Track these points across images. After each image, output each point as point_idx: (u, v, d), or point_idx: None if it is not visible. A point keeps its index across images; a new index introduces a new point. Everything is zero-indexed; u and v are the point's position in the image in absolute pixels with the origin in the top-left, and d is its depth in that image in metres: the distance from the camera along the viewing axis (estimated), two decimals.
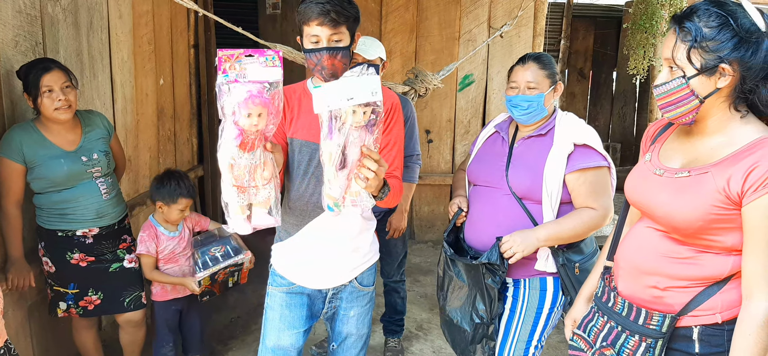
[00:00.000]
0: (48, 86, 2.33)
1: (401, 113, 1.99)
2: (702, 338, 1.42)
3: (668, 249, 1.46)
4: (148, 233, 2.68)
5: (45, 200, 2.46)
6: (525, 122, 2.18)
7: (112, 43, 3.30)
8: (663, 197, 1.46)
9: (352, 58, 2.96)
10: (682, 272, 1.44)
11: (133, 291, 2.69)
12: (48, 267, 2.53)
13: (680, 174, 1.44)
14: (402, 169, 2.00)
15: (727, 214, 1.35)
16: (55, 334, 2.82)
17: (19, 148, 2.35)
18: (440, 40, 4.95)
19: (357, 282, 2.07)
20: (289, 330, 2.02)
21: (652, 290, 1.49)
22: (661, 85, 1.43)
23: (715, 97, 1.38)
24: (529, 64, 2.16)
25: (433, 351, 3.43)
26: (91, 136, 2.56)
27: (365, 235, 2.05)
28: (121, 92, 3.43)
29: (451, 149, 5.23)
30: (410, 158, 3.03)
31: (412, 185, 3.09)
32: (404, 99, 3.03)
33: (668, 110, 1.44)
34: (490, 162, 2.26)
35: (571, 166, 2.07)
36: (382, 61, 2.97)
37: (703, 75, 1.36)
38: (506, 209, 2.16)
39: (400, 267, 3.24)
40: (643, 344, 1.48)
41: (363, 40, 2.97)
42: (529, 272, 2.16)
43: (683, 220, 1.40)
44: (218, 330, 3.51)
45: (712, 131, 1.42)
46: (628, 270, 1.57)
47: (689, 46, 1.36)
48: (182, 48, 4.46)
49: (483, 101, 5.15)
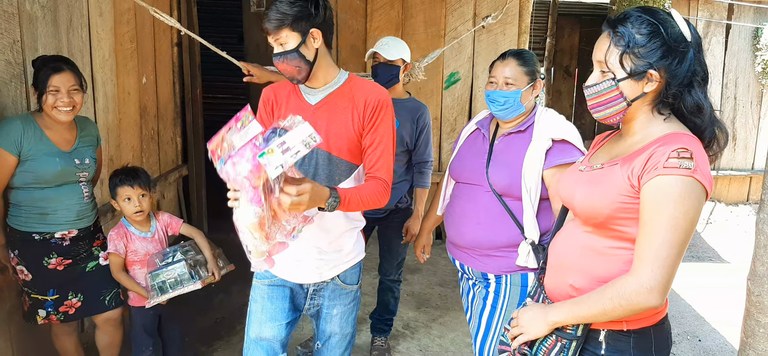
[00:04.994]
0: (55, 87, 2.34)
1: (390, 111, 1.94)
2: (608, 341, 1.49)
3: (586, 242, 1.53)
4: (117, 232, 2.62)
5: (25, 196, 2.41)
6: (502, 117, 2.18)
7: (93, 40, 3.25)
8: (579, 189, 1.54)
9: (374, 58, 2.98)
10: (597, 269, 1.49)
11: (112, 288, 2.65)
12: (23, 276, 2.47)
13: (596, 167, 1.54)
14: (389, 170, 1.94)
15: (632, 203, 1.41)
16: (36, 338, 2.77)
17: (18, 140, 2.33)
18: (426, 38, 4.94)
19: (340, 280, 2.05)
20: (270, 322, 2.02)
21: (569, 288, 1.55)
22: (593, 86, 1.49)
23: (641, 101, 1.46)
24: (509, 60, 2.17)
25: (420, 350, 3.42)
26: (85, 140, 2.56)
27: (348, 235, 2.03)
28: (103, 90, 3.39)
29: (437, 147, 5.22)
30: (424, 164, 3.07)
31: (426, 190, 3.10)
32: (423, 107, 3.04)
33: (598, 111, 1.50)
34: (471, 159, 2.26)
35: (549, 162, 2.07)
36: (404, 62, 2.95)
37: (632, 79, 1.43)
38: (487, 207, 2.16)
39: (399, 267, 3.23)
40: (559, 344, 1.54)
41: (386, 40, 2.95)
42: (510, 267, 2.15)
43: (593, 208, 1.48)
44: (203, 331, 3.47)
45: (635, 131, 1.49)
46: (553, 264, 1.65)
47: (622, 51, 1.42)
48: (165, 46, 4.41)
49: (469, 99, 5.15)
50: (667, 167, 1.35)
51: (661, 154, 1.36)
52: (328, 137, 1.91)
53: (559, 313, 1.53)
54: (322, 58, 1.91)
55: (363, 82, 1.96)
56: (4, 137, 2.32)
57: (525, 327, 1.60)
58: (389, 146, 1.92)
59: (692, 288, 4.42)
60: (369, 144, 1.90)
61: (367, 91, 1.92)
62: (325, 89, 1.94)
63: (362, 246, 2.12)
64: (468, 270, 2.26)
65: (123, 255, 2.63)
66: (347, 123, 1.90)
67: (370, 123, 1.89)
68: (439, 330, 3.65)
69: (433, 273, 4.56)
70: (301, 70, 1.86)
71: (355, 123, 1.89)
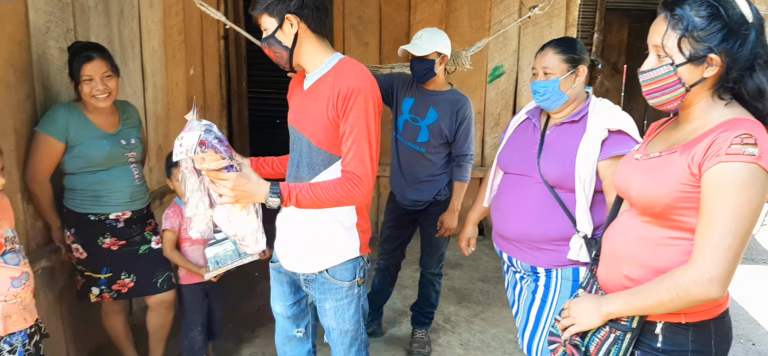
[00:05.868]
0: (89, 76, 2.40)
1: (364, 99, 1.79)
2: (665, 334, 1.44)
3: (643, 232, 1.48)
4: (173, 210, 2.69)
5: (79, 181, 2.49)
6: (546, 107, 2.14)
7: (143, 32, 3.33)
8: (636, 178, 1.49)
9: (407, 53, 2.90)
10: (654, 260, 1.44)
11: (164, 272, 2.71)
12: (78, 254, 2.56)
13: (653, 156, 1.48)
14: (361, 163, 1.79)
15: (692, 192, 1.36)
16: (86, 317, 2.86)
17: (64, 127, 2.41)
18: (470, 31, 4.87)
19: (329, 275, 1.97)
20: (279, 301, 2.16)
21: (625, 280, 1.50)
22: (648, 72, 1.43)
23: (701, 86, 1.39)
24: (547, 49, 2.13)
25: (461, 344, 3.37)
26: (127, 123, 2.63)
27: (331, 229, 1.94)
28: (152, 81, 3.46)
29: (480, 142, 5.15)
30: (464, 158, 3.00)
31: (464, 184, 3.03)
32: (464, 99, 2.98)
33: (653, 97, 1.45)
34: (521, 150, 2.21)
35: (605, 153, 1.99)
36: (439, 54, 2.87)
37: (691, 64, 1.37)
38: (538, 198, 2.10)
39: (439, 260, 3.19)
40: (612, 336, 1.49)
41: (420, 34, 2.89)
42: (561, 261, 2.09)
43: (651, 198, 1.42)
44: (245, 317, 3.52)
45: (694, 118, 1.44)
46: (608, 255, 1.59)
47: (680, 34, 1.36)
48: (212, 39, 4.49)
49: (513, 93, 5.06)
50: (729, 153, 1.29)
51: (724, 140, 1.30)
52: (310, 124, 1.88)
53: (613, 304, 1.48)
54: (306, 44, 1.85)
55: (346, 68, 1.86)
56: (51, 125, 2.40)
57: (577, 317, 1.55)
58: (362, 137, 1.78)
59: (746, 291, 4.24)
60: (342, 134, 1.80)
61: (344, 77, 1.81)
62: (314, 75, 1.91)
63: (355, 245, 1.98)
64: (516, 263, 2.21)
65: (177, 232, 2.70)
66: (323, 111, 1.83)
67: (343, 112, 1.79)
68: (480, 325, 3.60)
69: (476, 269, 4.50)
70: (281, 56, 1.86)
71: (329, 111, 1.81)
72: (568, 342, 1.59)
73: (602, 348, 1.51)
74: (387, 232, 3.27)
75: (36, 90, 2.49)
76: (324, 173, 1.88)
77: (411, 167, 3.02)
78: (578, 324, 1.55)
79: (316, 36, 1.87)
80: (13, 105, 2.34)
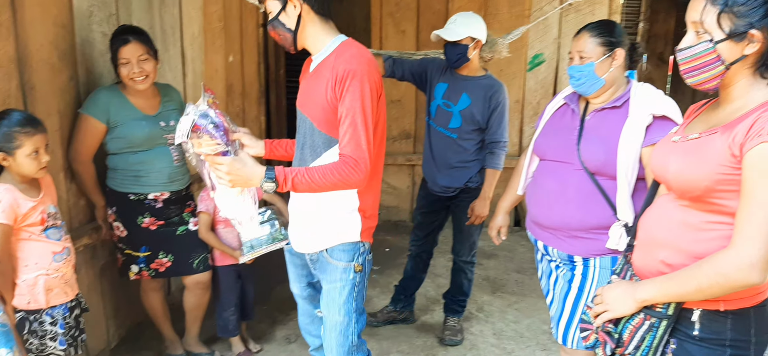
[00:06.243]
0: (126, 59, 2.46)
1: (360, 81, 1.76)
2: (702, 321, 1.39)
3: (681, 217, 1.43)
4: (207, 193, 2.74)
5: (121, 161, 2.57)
6: (583, 92, 2.08)
7: (184, 18, 3.39)
8: (674, 160, 1.44)
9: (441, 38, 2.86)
10: (692, 245, 1.39)
11: (201, 253, 2.77)
12: (119, 232, 2.63)
13: (691, 137, 1.43)
14: (357, 147, 1.76)
15: (733, 174, 1.31)
16: (126, 295, 2.96)
17: (105, 108, 2.48)
18: (509, 18, 4.78)
19: (327, 254, 1.96)
20: (295, 282, 2.25)
21: (661, 265, 1.44)
22: (686, 49, 1.39)
23: (741, 64, 1.34)
24: (583, 33, 2.07)
25: (494, 334, 3.33)
26: (168, 105, 2.69)
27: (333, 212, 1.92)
28: (192, 66, 3.52)
29: (518, 132, 5.07)
30: (497, 145, 2.95)
31: (497, 171, 2.98)
32: (498, 84, 2.93)
33: (691, 76, 1.39)
34: (559, 135, 2.15)
35: (649, 139, 1.93)
36: (473, 39, 2.83)
37: (731, 40, 1.32)
38: (577, 186, 2.05)
39: (471, 248, 3.16)
40: (647, 323, 1.44)
41: (454, 19, 2.85)
42: (599, 250, 2.04)
43: (689, 181, 1.38)
44: (280, 301, 3.56)
45: (735, 98, 1.38)
46: (643, 240, 1.55)
47: (719, 10, 1.31)
48: (251, 27, 4.54)
49: (554, 82, 4.96)
50: None
51: (767, 119, 1.25)
52: (312, 106, 1.88)
53: (648, 290, 1.43)
54: (310, 26, 1.85)
55: (346, 50, 1.84)
56: (93, 106, 2.48)
57: (611, 304, 1.51)
58: (357, 120, 1.76)
59: None
60: (339, 117, 1.79)
61: (342, 59, 1.80)
62: (318, 57, 1.91)
63: (355, 229, 1.94)
64: (551, 251, 2.16)
65: (212, 214, 2.75)
66: (322, 93, 1.82)
67: (339, 94, 1.78)
68: (514, 315, 3.55)
69: (511, 259, 4.44)
70: (286, 38, 1.87)
71: (328, 94, 1.80)
72: (600, 329, 1.55)
73: (636, 335, 1.46)
74: (419, 218, 3.25)
75: (79, 73, 2.57)
76: (325, 155, 1.88)
77: (443, 152, 3.00)
78: (611, 310, 1.51)
79: (321, 18, 1.87)
80: (57, 87, 2.42)
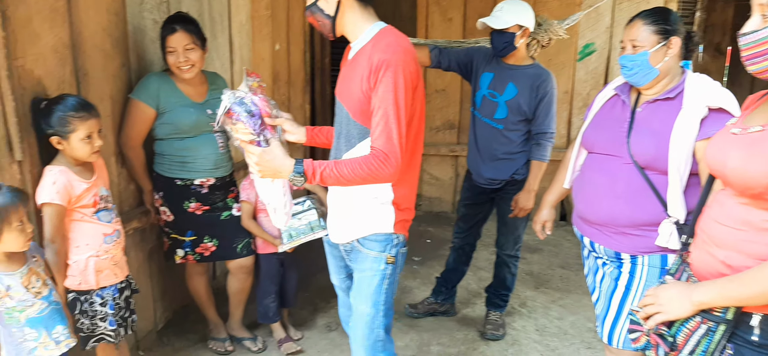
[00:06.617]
0: (172, 48, 2.51)
1: (394, 72, 1.69)
2: (763, 327, 1.31)
3: (742, 215, 1.34)
4: (249, 181, 2.77)
5: (168, 147, 2.63)
6: (635, 83, 1.99)
7: (232, 6, 3.43)
8: (734, 154, 1.35)
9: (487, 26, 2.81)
10: (755, 247, 1.30)
11: (244, 238, 2.82)
12: (166, 216, 2.70)
13: (753, 129, 1.33)
14: (388, 140, 1.70)
15: None
16: (172, 278, 3.03)
17: (155, 94, 2.54)
18: (559, 7, 4.65)
19: (358, 243, 1.93)
20: (334, 273, 2.22)
21: (721, 266, 1.36)
22: (750, 34, 1.26)
23: None
24: (636, 21, 1.97)
25: (537, 330, 3.27)
26: (215, 93, 2.71)
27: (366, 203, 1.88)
28: (239, 54, 3.57)
29: (566, 123, 4.95)
30: (543, 136, 2.87)
31: (543, 163, 2.90)
32: (546, 73, 2.84)
33: (754, 63, 1.27)
34: (609, 128, 2.07)
35: (704, 132, 1.83)
36: (520, 27, 2.75)
37: None
38: (627, 180, 1.97)
39: (516, 242, 3.10)
40: (704, 326, 1.37)
41: (500, 6, 2.78)
42: (648, 247, 1.96)
43: (751, 177, 1.29)
44: (321, 289, 3.59)
45: None
46: (703, 239, 1.47)
47: None
48: (298, 15, 4.56)
49: (605, 72, 4.80)
50: None
51: None
52: (349, 96, 1.84)
53: (707, 293, 1.36)
54: (349, 13, 1.81)
55: (382, 39, 1.78)
56: (143, 92, 2.54)
57: (665, 305, 1.44)
58: (389, 112, 1.69)
59: None
60: (372, 109, 1.73)
61: (377, 49, 1.74)
62: (356, 45, 1.86)
63: (389, 220, 1.89)
64: (598, 248, 2.09)
65: (253, 203, 2.78)
66: (357, 83, 1.77)
67: (373, 85, 1.71)
68: (558, 311, 3.48)
69: (555, 254, 4.35)
70: (324, 25, 1.84)
71: (362, 84, 1.75)
72: (652, 332, 1.48)
73: (691, 339, 1.39)
74: (462, 210, 3.21)
75: (130, 59, 2.63)
76: (359, 146, 1.84)
77: (488, 143, 2.94)
78: (665, 312, 1.44)
79: (360, 4, 1.83)
80: (109, 73, 2.49)
